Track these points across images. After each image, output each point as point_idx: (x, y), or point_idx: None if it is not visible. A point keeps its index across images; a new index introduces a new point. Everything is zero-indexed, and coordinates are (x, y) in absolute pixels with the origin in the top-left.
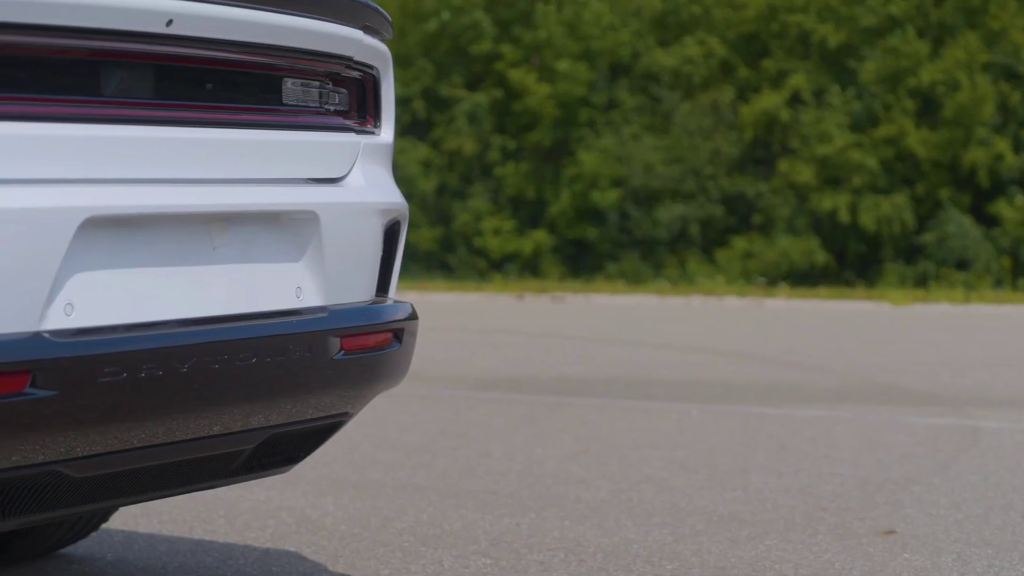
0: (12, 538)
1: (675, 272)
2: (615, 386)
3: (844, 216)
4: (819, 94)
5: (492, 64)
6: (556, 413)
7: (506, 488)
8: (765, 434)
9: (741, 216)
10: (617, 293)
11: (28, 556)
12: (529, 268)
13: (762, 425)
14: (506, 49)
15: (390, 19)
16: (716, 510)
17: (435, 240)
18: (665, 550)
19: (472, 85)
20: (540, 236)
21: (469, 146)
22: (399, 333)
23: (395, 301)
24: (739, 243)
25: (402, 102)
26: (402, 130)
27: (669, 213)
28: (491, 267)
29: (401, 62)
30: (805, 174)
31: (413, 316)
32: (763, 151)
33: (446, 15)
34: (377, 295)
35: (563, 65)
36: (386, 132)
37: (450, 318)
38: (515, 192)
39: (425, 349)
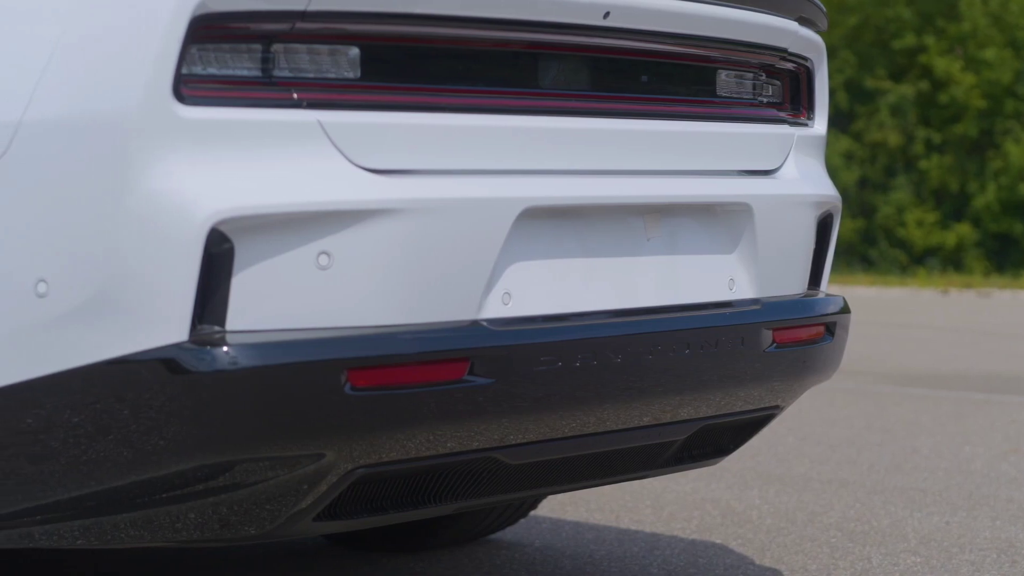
0: (444, 523)
1: None
2: None
3: None
4: None
5: (916, 57)
6: (984, 411)
7: (934, 486)
8: None
9: None
10: None
11: (459, 541)
12: (951, 262)
13: None
14: (929, 41)
15: (824, 10)
16: None
17: (856, 232)
18: None
19: (895, 77)
20: (964, 229)
21: (893, 138)
22: (831, 327)
23: (826, 295)
24: None
25: None
26: None
27: None
28: (912, 260)
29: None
30: None
31: (845, 310)
32: None
33: (870, 7)
34: (809, 288)
35: (989, 53)
36: (819, 124)
37: (874, 312)
38: (938, 185)
39: (849, 343)
